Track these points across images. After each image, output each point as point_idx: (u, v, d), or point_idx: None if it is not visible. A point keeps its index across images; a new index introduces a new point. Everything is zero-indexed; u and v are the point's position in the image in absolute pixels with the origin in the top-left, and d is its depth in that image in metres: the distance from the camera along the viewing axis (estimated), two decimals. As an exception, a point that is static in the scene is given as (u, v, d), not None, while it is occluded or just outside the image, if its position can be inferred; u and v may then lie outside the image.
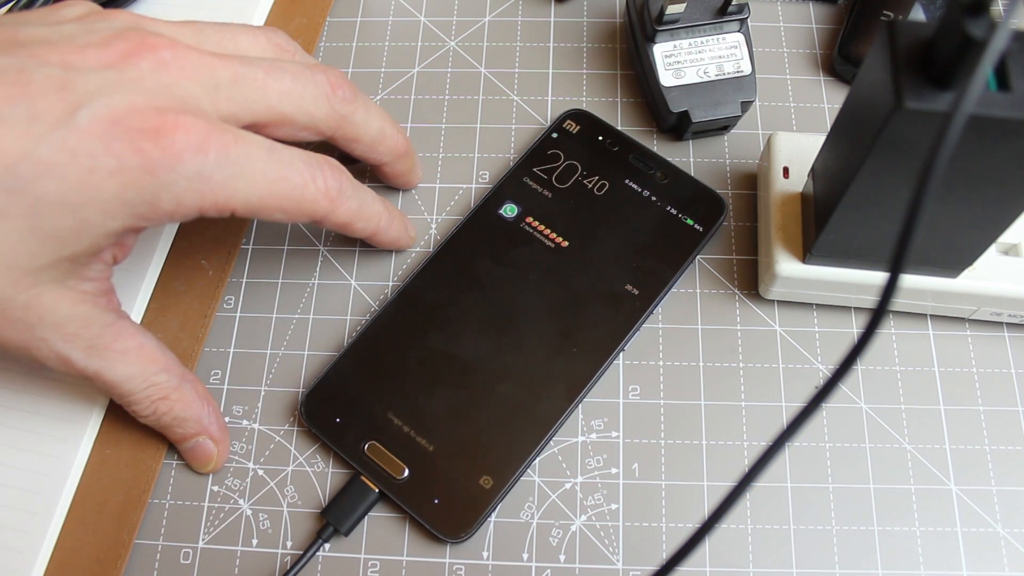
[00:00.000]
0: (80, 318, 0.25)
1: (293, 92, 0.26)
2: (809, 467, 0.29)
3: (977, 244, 0.26)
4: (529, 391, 0.30)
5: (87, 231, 0.23)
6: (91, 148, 0.22)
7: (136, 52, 0.23)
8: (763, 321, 0.32)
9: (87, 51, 0.23)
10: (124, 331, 0.26)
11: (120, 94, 0.22)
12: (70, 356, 0.25)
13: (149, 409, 0.28)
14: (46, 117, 0.22)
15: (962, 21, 0.19)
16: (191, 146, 0.23)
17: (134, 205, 0.23)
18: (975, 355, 0.31)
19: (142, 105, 0.22)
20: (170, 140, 0.22)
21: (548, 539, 0.29)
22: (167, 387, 0.28)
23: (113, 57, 0.23)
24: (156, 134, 0.22)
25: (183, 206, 0.23)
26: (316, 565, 0.28)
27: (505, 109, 0.36)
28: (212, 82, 0.24)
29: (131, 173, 0.22)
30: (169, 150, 0.22)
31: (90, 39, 0.23)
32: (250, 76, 0.25)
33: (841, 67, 0.35)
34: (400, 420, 0.29)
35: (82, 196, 0.22)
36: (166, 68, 0.23)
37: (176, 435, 0.29)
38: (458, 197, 0.34)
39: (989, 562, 0.28)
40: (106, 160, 0.22)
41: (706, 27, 0.33)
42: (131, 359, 0.26)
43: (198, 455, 0.29)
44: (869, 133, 0.22)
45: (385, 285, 0.33)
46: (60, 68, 0.22)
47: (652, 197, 0.33)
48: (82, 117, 0.22)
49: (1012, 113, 0.20)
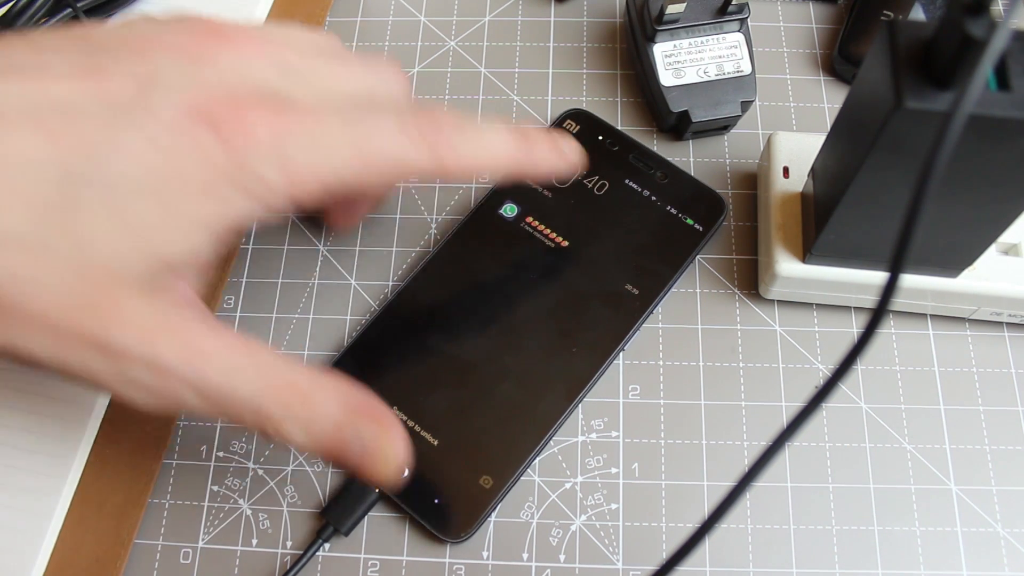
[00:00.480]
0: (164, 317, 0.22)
1: (367, 78, 0.25)
2: (809, 467, 0.29)
3: (977, 244, 0.26)
4: (529, 391, 0.30)
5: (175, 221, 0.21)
6: (173, 137, 0.21)
7: (211, 41, 0.23)
8: (763, 321, 0.32)
9: (165, 46, 0.22)
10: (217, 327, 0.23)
11: (198, 82, 0.22)
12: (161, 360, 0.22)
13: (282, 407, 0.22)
14: (125, 107, 0.21)
15: (962, 21, 0.19)
16: (272, 129, 0.22)
17: (220, 190, 0.22)
18: (975, 355, 0.31)
19: (219, 92, 0.22)
20: (250, 124, 0.22)
21: (548, 539, 0.29)
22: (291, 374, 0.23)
23: (188, 47, 0.22)
24: (237, 120, 0.22)
25: (273, 191, 0.22)
26: (316, 565, 0.28)
27: (505, 109, 0.36)
28: (287, 70, 0.24)
29: (215, 160, 0.21)
30: (251, 135, 0.22)
31: (162, 32, 0.23)
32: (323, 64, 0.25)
33: (841, 67, 0.35)
34: (404, 415, 0.29)
35: (166, 183, 0.21)
36: (240, 55, 0.23)
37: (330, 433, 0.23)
38: (458, 197, 0.34)
39: (989, 562, 0.28)
40: (189, 147, 0.21)
41: (706, 27, 0.33)
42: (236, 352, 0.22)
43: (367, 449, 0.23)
44: (869, 133, 0.22)
45: (385, 285, 0.33)
46: (138, 60, 0.22)
47: (652, 197, 0.33)
48: (160, 105, 0.21)
49: (1012, 113, 0.20)
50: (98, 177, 0.21)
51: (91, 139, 0.21)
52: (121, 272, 0.21)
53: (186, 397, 0.21)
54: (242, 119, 0.22)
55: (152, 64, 0.22)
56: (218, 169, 0.21)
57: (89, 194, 0.21)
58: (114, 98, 0.21)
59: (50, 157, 0.20)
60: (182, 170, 0.21)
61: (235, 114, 0.22)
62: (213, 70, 0.22)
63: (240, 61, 0.23)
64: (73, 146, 0.20)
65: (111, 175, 0.21)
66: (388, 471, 0.23)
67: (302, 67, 0.24)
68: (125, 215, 0.21)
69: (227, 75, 0.23)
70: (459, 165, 0.25)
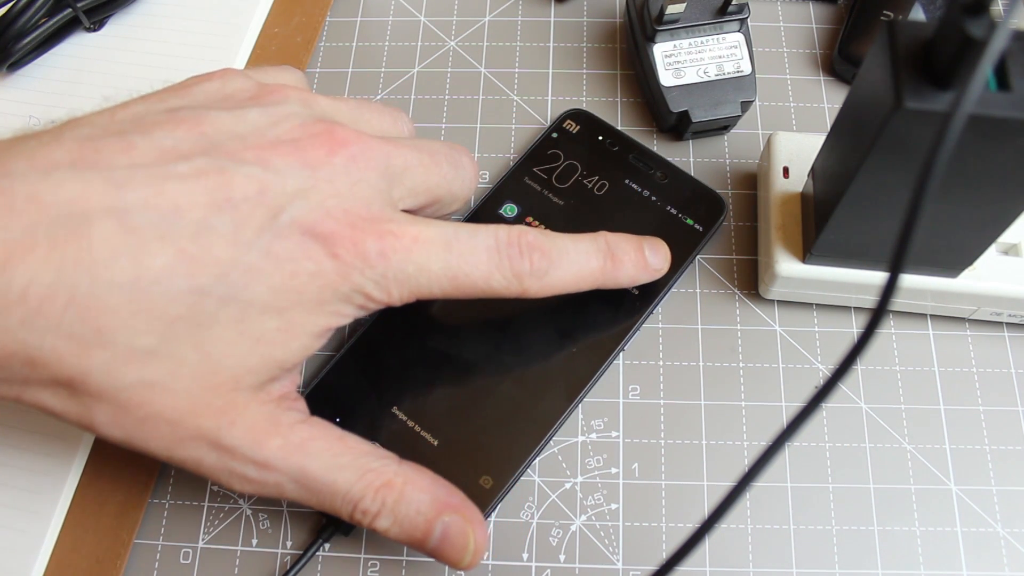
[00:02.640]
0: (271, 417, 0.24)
1: (448, 175, 0.27)
2: (809, 467, 0.29)
3: (977, 244, 0.26)
4: (529, 391, 0.30)
5: (293, 332, 0.23)
6: (292, 253, 0.23)
7: (330, 150, 0.24)
8: (763, 321, 0.32)
9: (280, 148, 0.24)
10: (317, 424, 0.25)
11: (316, 197, 0.23)
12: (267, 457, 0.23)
13: (377, 503, 0.24)
14: (250, 224, 0.22)
15: (962, 21, 0.19)
16: (377, 251, 0.24)
17: (331, 304, 0.24)
18: (975, 355, 0.31)
19: (335, 209, 0.23)
20: (361, 246, 0.23)
21: (548, 539, 0.29)
22: (386, 471, 0.24)
23: (309, 156, 0.24)
24: (348, 240, 0.23)
25: (373, 300, 0.25)
26: (316, 565, 0.29)
27: (505, 109, 0.36)
28: (388, 171, 0.25)
29: (328, 276, 0.23)
30: (360, 255, 0.23)
31: (279, 133, 0.24)
32: (418, 162, 0.26)
33: (841, 67, 0.35)
34: (403, 415, 0.29)
35: (287, 299, 0.23)
36: (355, 163, 0.24)
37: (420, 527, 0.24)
38: (458, 197, 0.34)
39: (989, 562, 0.28)
40: (306, 264, 0.23)
41: (706, 27, 0.33)
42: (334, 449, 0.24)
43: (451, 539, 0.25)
44: (869, 133, 0.22)
45: (385, 285, 0.33)
46: (259, 167, 0.23)
47: (652, 197, 0.33)
48: (283, 223, 0.23)
49: (1012, 113, 0.20)
50: (227, 295, 0.22)
51: (221, 258, 0.22)
52: (241, 379, 0.23)
53: (287, 489, 0.24)
54: (355, 241, 0.23)
55: (273, 171, 0.23)
56: (331, 287, 0.23)
57: (218, 311, 0.22)
58: (242, 214, 0.22)
59: (182, 276, 0.21)
60: (301, 288, 0.23)
61: (349, 235, 0.23)
62: (328, 181, 0.24)
63: (354, 168, 0.24)
64: (204, 265, 0.22)
65: (239, 294, 0.22)
66: (469, 560, 0.25)
67: (401, 167, 0.26)
68: (250, 331, 0.23)
69: (341, 185, 0.24)
70: (542, 292, 0.27)
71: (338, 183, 0.24)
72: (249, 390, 0.24)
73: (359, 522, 0.24)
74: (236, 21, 0.37)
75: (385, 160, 0.25)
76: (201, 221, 0.22)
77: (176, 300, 0.21)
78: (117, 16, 0.38)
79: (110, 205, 0.21)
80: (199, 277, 0.22)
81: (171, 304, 0.21)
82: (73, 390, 0.22)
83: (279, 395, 0.25)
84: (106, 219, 0.21)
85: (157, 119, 0.23)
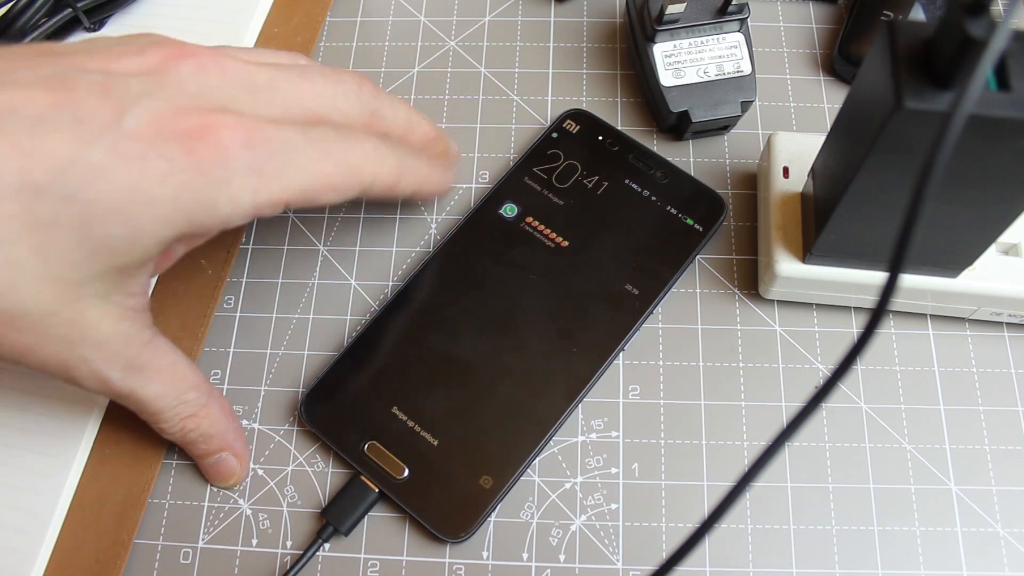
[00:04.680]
0: (122, 336, 0.24)
1: (325, 91, 0.26)
2: (809, 467, 0.29)
3: (977, 244, 0.26)
4: (529, 391, 0.30)
5: (139, 240, 0.22)
6: (141, 151, 0.21)
7: (175, 57, 0.23)
8: (763, 321, 0.32)
9: (125, 58, 0.23)
10: (160, 349, 0.26)
11: (164, 95, 0.22)
12: (109, 376, 0.24)
13: (177, 427, 0.27)
14: (93, 121, 0.21)
15: (962, 21, 0.19)
16: (238, 141, 0.22)
17: (189, 210, 0.22)
18: (975, 355, 0.31)
19: (186, 106, 0.22)
20: (217, 138, 0.22)
21: (548, 539, 0.29)
22: (196, 405, 0.27)
23: (152, 63, 0.23)
24: (203, 133, 0.22)
25: (239, 205, 0.23)
26: (316, 565, 0.29)
27: (505, 109, 0.36)
28: (250, 85, 0.24)
29: (184, 175, 0.22)
30: (218, 147, 0.22)
31: (127, 48, 0.23)
32: (285, 79, 0.25)
33: (841, 67, 0.35)
34: (404, 415, 0.29)
35: (135, 202, 0.22)
36: (205, 72, 0.23)
37: (200, 451, 0.28)
38: (458, 197, 0.34)
39: (989, 562, 0.28)
40: (157, 163, 0.22)
41: (706, 27, 0.33)
42: (164, 378, 0.26)
43: (220, 470, 0.29)
44: (869, 133, 0.22)
45: (385, 285, 0.33)
46: (101, 74, 0.22)
47: (652, 197, 0.33)
48: (129, 120, 0.21)
49: (1012, 113, 0.20)
50: (66, 194, 0.21)
51: (59, 153, 0.21)
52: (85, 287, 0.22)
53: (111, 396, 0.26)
54: (211, 133, 0.22)
55: (118, 78, 0.22)
56: (186, 184, 0.22)
57: (56, 211, 0.21)
58: (83, 112, 0.21)
59: (14, 171, 0.20)
60: (150, 188, 0.22)
61: (203, 128, 0.22)
62: (178, 86, 0.23)
63: (205, 77, 0.23)
64: (39, 159, 0.20)
65: (80, 194, 0.21)
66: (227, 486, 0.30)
67: (264, 83, 0.24)
68: (93, 235, 0.21)
69: (192, 91, 0.23)
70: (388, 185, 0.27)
71: (187, 87, 0.23)
72: (97, 299, 0.23)
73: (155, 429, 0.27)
74: (236, 21, 0.37)
75: (245, 74, 0.24)
76: (39, 116, 0.21)
77: (8, 196, 0.20)
78: (117, 16, 0.38)
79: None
80: (34, 172, 0.20)
81: (3, 200, 0.20)
82: None
83: (133, 308, 0.24)
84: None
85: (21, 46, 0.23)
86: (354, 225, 0.34)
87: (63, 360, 0.23)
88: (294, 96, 0.25)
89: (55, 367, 0.24)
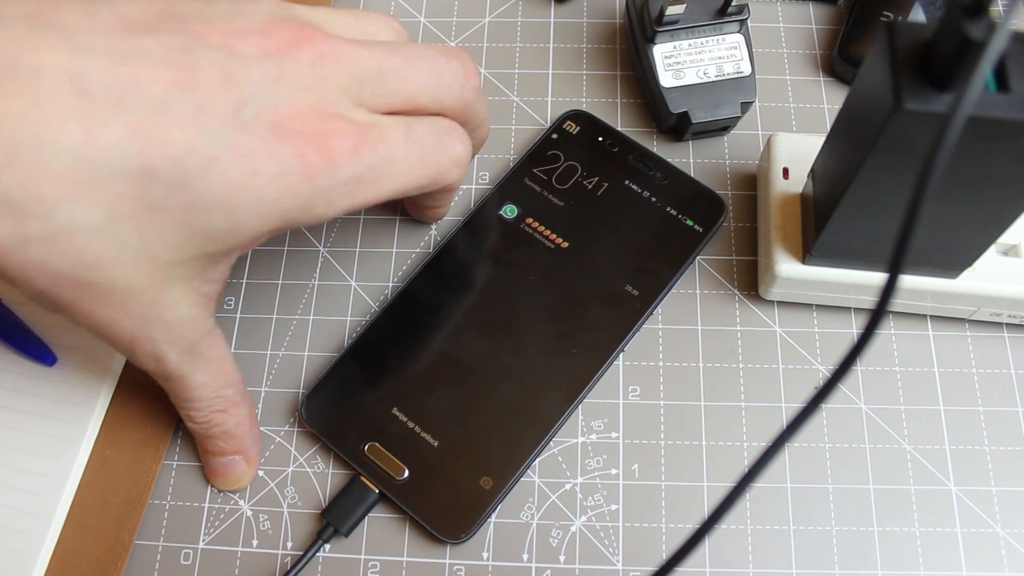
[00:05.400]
0: (191, 321, 0.24)
1: (430, 82, 0.26)
2: (809, 467, 0.29)
3: (977, 245, 0.26)
4: (529, 392, 0.30)
5: (237, 233, 0.22)
6: (255, 149, 0.22)
7: (295, 43, 0.23)
8: (763, 322, 0.32)
9: (248, 37, 0.22)
10: (216, 340, 0.26)
11: (282, 90, 0.22)
12: (168, 357, 0.25)
13: (205, 419, 0.27)
14: (212, 111, 0.21)
15: (961, 22, 0.19)
16: (347, 151, 0.23)
17: (288, 209, 0.23)
18: (975, 355, 0.31)
19: (302, 105, 0.22)
20: (328, 147, 0.22)
21: (548, 540, 0.29)
22: (229, 401, 0.28)
23: (273, 46, 0.22)
24: (316, 139, 0.22)
25: (333, 208, 0.23)
26: (316, 566, 0.29)
27: (505, 110, 0.36)
28: (360, 75, 0.24)
29: (291, 178, 0.22)
30: (327, 156, 0.22)
31: (249, 23, 0.23)
32: (393, 67, 0.25)
33: (841, 68, 0.35)
34: (404, 416, 0.29)
35: (241, 198, 0.22)
36: (322, 62, 0.23)
37: (216, 448, 0.28)
38: (458, 198, 0.34)
39: (989, 562, 0.28)
40: (268, 163, 0.22)
41: (706, 28, 0.33)
42: (213, 368, 0.26)
43: (228, 472, 0.29)
44: (869, 134, 0.22)
45: (385, 285, 0.33)
46: (224, 52, 0.22)
47: (652, 198, 0.33)
48: (247, 114, 0.21)
49: (1011, 114, 0.20)
50: (179, 181, 0.21)
51: (177, 141, 0.21)
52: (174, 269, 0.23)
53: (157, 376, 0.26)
54: (322, 141, 0.22)
55: (238, 57, 0.22)
56: (291, 187, 0.22)
57: (166, 197, 0.21)
58: (204, 97, 0.21)
59: (134, 152, 0.20)
60: (259, 187, 0.22)
61: (316, 135, 0.22)
62: (295, 76, 0.23)
63: (320, 67, 0.23)
64: (159, 145, 0.20)
65: (192, 183, 0.21)
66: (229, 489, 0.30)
67: (374, 74, 0.24)
68: (195, 223, 0.22)
69: (308, 83, 0.23)
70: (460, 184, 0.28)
71: (304, 77, 0.23)
72: (180, 282, 0.23)
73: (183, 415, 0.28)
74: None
75: (357, 63, 0.24)
76: (161, 98, 0.20)
77: (124, 177, 0.20)
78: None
79: (65, 66, 0.19)
80: (152, 156, 0.20)
81: (119, 180, 0.20)
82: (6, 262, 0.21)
83: (209, 294, 0.25)
84: (59, 78, 0.19)
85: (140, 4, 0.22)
86: (354, 226, 0.34)
87: (133, 336, 0.24)
88: (399, 86, 0.25)
89: (123, 341, 0.24)
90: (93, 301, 0.22)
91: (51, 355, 0.30)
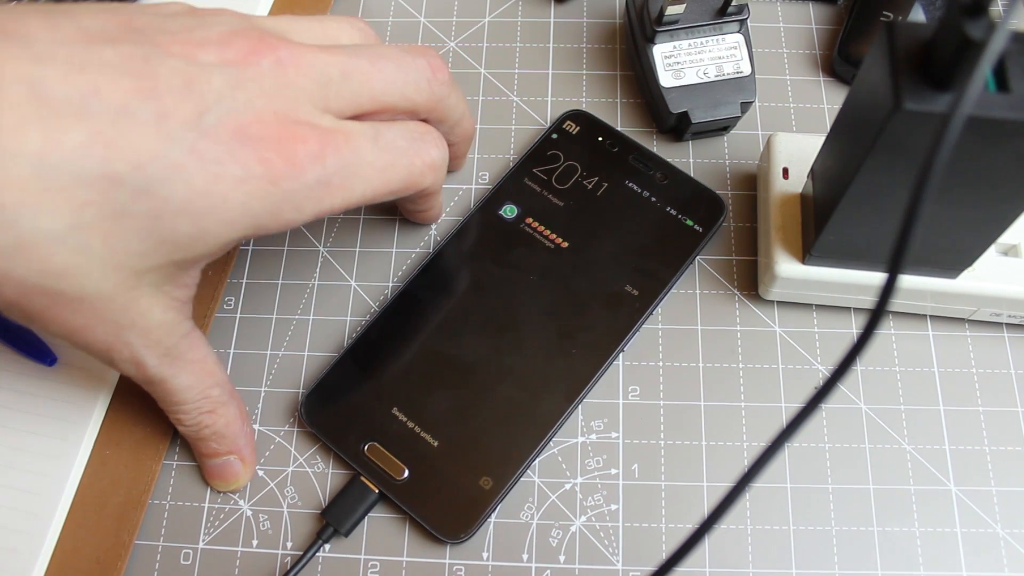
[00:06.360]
0: (166, 325, 0.25)
1: (396, 80, 0.26)
2: (809, 467, 0.29)
3: (976, 245, 0.26)
4: (529, 392, 0.30)
5: (205, 239, 0.23)
6: (218, 154, 0.22)
7: (256, 52, 0.23)
8: (763, 322, 0.32)
9: (208, 47, 0.23)
10: (196, 342, 0.26)
11: (243, 96, 0.22)
12: (146, 362, 0.25)
13: (194, 421, 0.28)
14: (174, 117, 0.21)
15: (961, 22, 0.19)
16: (311, 154, 0.23)
17: (256, 215, 0.23)
18: (975, 356, 0.31)
19: (264, 111, 0.22)
20: (292, 151, 0.23)
21: (548, 540, 0.29)
22: (217, 401, 0.28)
23: (234, 55, 0.23)
24: (279, 143, 0.22)
25: (302, 213, 0.24)
26: (316, 566, 0.29)
27: (505, 110, 0.36)
28: (323, 79, 0.24)
29: (256, 183, 0.22)
30: (291, 161, 0.23)
31: (208, 34, 0.23)
32: (357, 69, 0.25)
33: (841, 68, 0.35)
34: (404, 416, 0.29)
35: (206, 204, 0.22)
36: (283, 68, 0.23)
37: (209, 449, 0.29)
38: (458, 198, 0.34)
39: (989, 562, 0.28)
40: (232, 168, 0.22)
41: (706, 28, 0.33)
42: (195, 370, 0.26)
43: (224, 473, 0.29)
44: (868, 134, 0.22)
45: (385, 285, 0.33)
46: (184, 61, 0.22)
47: (652, 198, 0.33)
48: (209, 121, 0.22)
49: (1011, 114, 0.20)
50: (142, 188, 0.21)
51: (140, 148, 0.21)
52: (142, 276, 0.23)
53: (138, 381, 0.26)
54: (285, 145, 0.22)
55: (199, 66, 0.22)
56: (256, 192, 0.22)
57: (131, 203, 0.21)
58: (165, 105, 0.21)
59: (96, 159, 0.20)
60: (223, 192, 0.22)
61: (278, 140, 0.22)
62: (257, 83, 0.23)
63: (282, 73, 0.23)
64: (121, 151, 0.21)
65: (156, 190, 0.21)
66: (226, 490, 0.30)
67: (338, 76, 0.24)
68: (160, 230, 0.22)
69: (270, 89, 0.23)
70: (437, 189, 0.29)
71: (266, 84, 0.23)
72: (151, 288, 0.23)
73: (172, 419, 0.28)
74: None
75: (319, 67, 0.24)
76: (122, 106, 0.21)
77: (87, 184, 0.20)
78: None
79: (25, 74, 0.20)
80: (114, 163, 0.20)
81: (81, 187, 0.20)
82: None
83: (181, 299, 0.25)
84: (18, 86, 0.19)
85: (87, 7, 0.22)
86: (354, 226, 0.34)
87: (108, 342, 0.24)
88: (365, 88, 0.25)
89: (98, 347, 0.24)
90: (63, 309, 0.22)
91: (51, 355, 0.30)
